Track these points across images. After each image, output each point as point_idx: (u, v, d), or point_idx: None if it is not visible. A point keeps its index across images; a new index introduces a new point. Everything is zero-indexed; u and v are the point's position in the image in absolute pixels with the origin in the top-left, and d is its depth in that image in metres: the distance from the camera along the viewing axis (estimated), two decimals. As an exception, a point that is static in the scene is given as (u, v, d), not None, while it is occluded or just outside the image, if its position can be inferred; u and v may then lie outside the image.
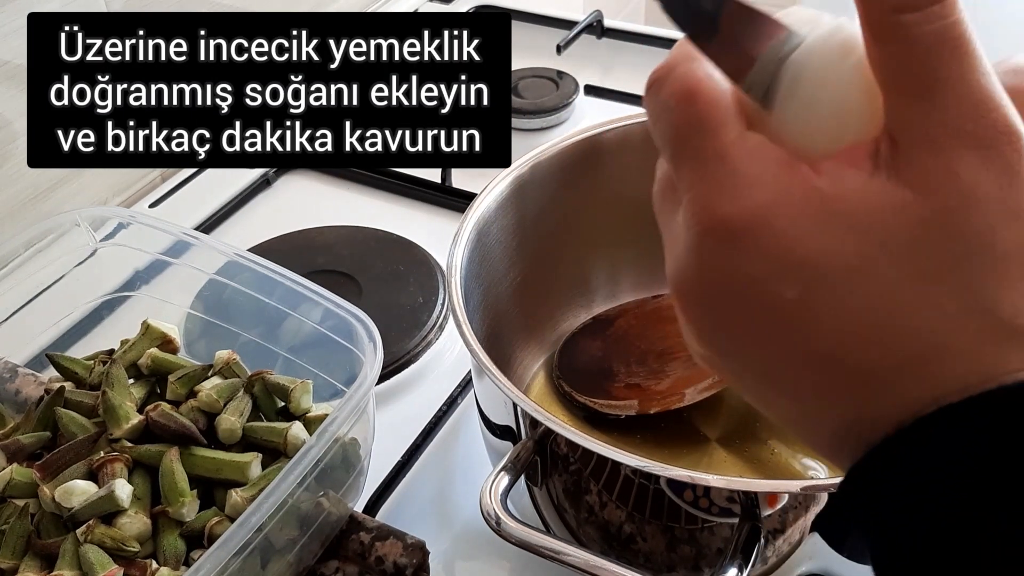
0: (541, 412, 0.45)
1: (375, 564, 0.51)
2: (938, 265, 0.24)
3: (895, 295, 0.24)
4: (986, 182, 0.23)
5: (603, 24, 1.02)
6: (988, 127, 0.23)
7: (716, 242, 0.25)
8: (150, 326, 0.57)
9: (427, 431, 0.63)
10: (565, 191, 0.62)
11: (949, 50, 0.23)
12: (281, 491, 0.44)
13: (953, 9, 0.23)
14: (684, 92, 0.26)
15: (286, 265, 0.56)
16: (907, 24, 0.23)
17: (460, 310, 0.50)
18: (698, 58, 0.26)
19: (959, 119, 0.23)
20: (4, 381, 0.59)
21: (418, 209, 0.84)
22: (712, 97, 0.25)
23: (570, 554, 0.43)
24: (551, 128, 0.91)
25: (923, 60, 0.23)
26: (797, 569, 0.47)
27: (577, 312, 0.67)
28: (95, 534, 0.46)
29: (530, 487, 0.51)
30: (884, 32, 0.24)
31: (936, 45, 0.23)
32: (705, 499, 0.44)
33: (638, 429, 0.59)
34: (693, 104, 0.26)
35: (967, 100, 0.23)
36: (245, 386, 0.54)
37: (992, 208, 0.23)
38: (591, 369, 0.62)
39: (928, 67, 0.23)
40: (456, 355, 0.70)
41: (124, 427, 0.51)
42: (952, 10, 0.23)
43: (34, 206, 0.77)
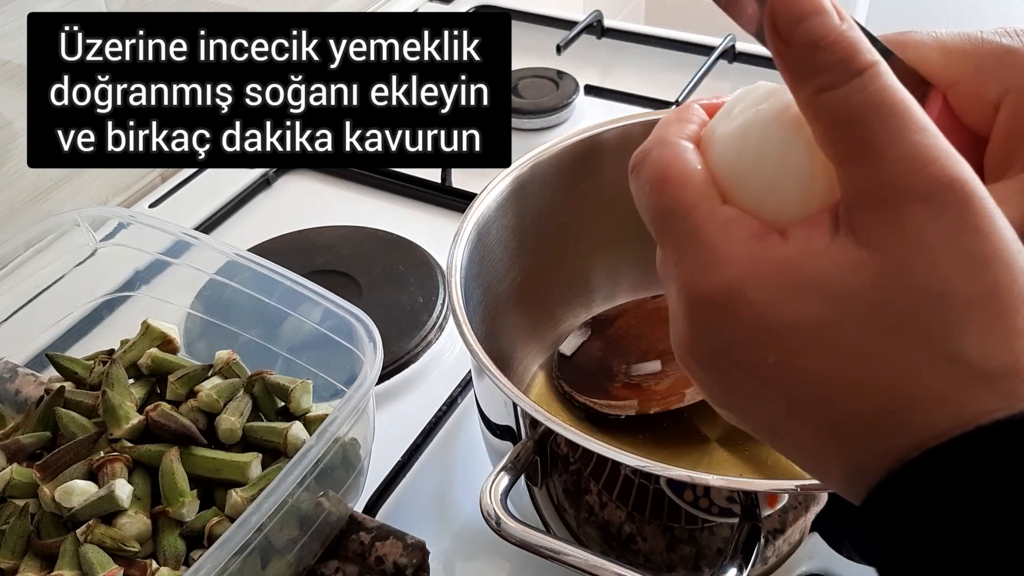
0: (541, 412, 0.45)
1: (375, 564, 0.52)
2: (899, 318, 0.25)
3: (862, 350, 0.25)
4: (933, 233, 0.24)
5: (603, 24, 1.02)
6: (927, 180, 0.24)
7: (701, 314, 0.27)
8: (150, 326, 0.57)
9: (427, 431, 0.63)
10: (565, 191, 0.62)
11: (877, 117, 0.25)
12: (281, 491, 0.44)
13: (874, 79, 0.25)
14: (657, 177, 0.28)
15: (286, 265, 0.56)
16: (832, 101, 0.25)
17: (460, 310, 0.50)
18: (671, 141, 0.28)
19: (897, 177, 0.24)
20: (4, 381, 0.59)
21: (418, 209, 0.84)
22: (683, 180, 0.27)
23: (570, 554, 0.43)
24: (551, 128, 0.91)
25: (853, 130, 0.25)
26: (797, 569, 0.47)
27: (577, 312, 0.67)
28: (95, 534, 0.46)
29: (530, 487, 0.51)
30: (814, 111, 0.26)
31: (863, 114, 0.25)
32: (705, 499, 0.44)
33: (638, 429, 0.59)
34: (665, 189, 0.28)
35: (902, 159, 0.24)
36: (245, 386, 0.54)
37: (943, 258, 0.24)
38: (591, 369, 0.62)
39: (859, 136, 0.25)
40: (456, 355, 0.70)
41: (124, 427, 0.51)
42: (873, 80, 0.25)
43: (34, 206, 0.77)
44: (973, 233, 0.24)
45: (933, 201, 0.24)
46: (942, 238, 0.24)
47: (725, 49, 0.97)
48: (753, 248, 0.26)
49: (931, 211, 0.24)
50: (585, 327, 0.65)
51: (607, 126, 0.62)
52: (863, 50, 0.25)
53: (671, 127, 0.30)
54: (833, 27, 0.25)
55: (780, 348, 0.26)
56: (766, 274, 0.26)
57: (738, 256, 0.26)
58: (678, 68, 0.96)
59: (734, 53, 0.98)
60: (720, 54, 0.96)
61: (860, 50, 0.25)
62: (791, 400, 0.26)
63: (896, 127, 0.25)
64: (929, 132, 0.25)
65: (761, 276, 0.26)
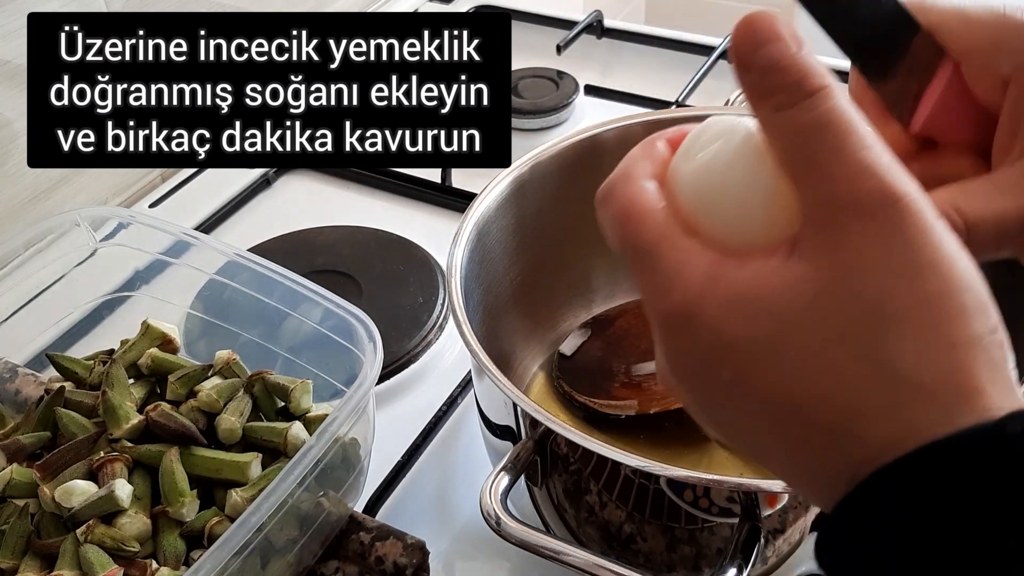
0: (541, 412, 0.45)
1: (375, 564, 0.52)
2: (837, 331, 0.25)
3: (806, 364, 0.26)
4: (870, 247, 0.25)
5: (603, 24, 1.02)
6: (866, 195, 0.25)
7: (667, 333, 0.28)
8: (150, 326, 0.57)
9: (427, 431, 0.63)
10: (565, 191, 0.62)
11: (824, 134, 0.26)
12: (281, 491, 0.44)
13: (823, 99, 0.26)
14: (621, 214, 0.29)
15: (286, 265, 0.56)
16: (786, 119, 0.26)
17: (460, 310, 0.50)
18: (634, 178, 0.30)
19: (838, 192, 0.25)
20: (4, 381, 0.59)
21: (418, 209, 0.84)
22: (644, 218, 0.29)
23: (570, 554, 0.43)
24: (551, 128, 0.91)
25: (802, 145, 0.26)
26: (797, 569, 0.47)
27: (577, 312, 0.67)
28: (95, 534, 0.46)
29: (530, 487, 0.51)
30: (771, 130, 0.27)
31: (812, 131, 0.26)
32: (705, 499, 0.44)
33: (638, 429, 0.59)
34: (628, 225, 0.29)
35: (844, 174, 0.25)
36: (245, 386, 0.54)
37: (880, 271, 0.25)
38: (591, 369, 0.62)
39: (807, 151, 0.26)
40: (456, 355, 0.70)
41: (124, 427, 0.51)
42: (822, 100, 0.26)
43: (34, 206, 0.77)
44: (908, 244, 0.25)
45: (870, 214, 0.25)
46: (877, 249, 0.25)
47: (725, 49, 0.97)
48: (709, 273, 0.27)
49: (867, 224, 0.25)
50: (585, 327, 0.65)
51: (607, 126, 0.62)
52: (815, 73, 0.26)
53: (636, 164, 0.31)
54: (787, 53, 0.26)
55: (733, 365, 0.27)
56: (719, 295, 0.27)
57: (695, 280, 0.27)
58: (678, 68, 0.96)
59: (734, 53, 0.98)
60: (720, 54, 0.96)
61: (812, 73, 0.26)
62: (754, 415, 0.27)
63: (840, 144, 0.26)
64: (873, 149, 0.26)
65: (715, 297, 0.27)
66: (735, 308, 0.27)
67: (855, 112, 0.26)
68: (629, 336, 0.64)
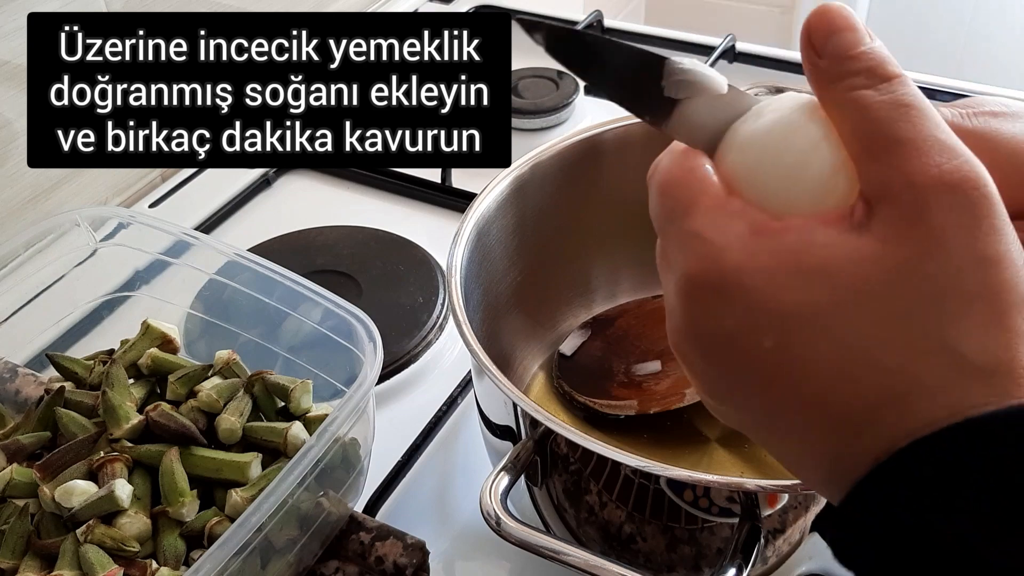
0: (541, 412, 0.45)
1: (375, 564, 0.52)
2: (908, 306, 0.25)
3: (867, 335, 0.26)
4: (953, 227, 0.25)
5: (603, 24, 1.02)
6: (952, 172, 0.25)
7: (695, 303, 0.28)
8: (150, 326, 0.57)
9: (427, 431, 0.63)
10: (565, 191, 0.62)
11: (904, 114, 0.26)
12: (281, 491, 0.44)
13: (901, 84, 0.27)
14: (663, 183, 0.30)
15: (286, 265, 0.56)
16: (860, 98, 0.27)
17: (460, 310, 0.50)
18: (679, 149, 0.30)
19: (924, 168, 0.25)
20: (4, 381, 0.59)
21: (418, 209, 0.84)
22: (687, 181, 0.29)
23: (570, 554, 0.43)
24: (551, 128, 0.91)
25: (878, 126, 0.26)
26: (797, 569, 0.47)
27: (577, 312, 0.67)
28: (95, 534, 0.46)
29: (530, 487, 0.51)
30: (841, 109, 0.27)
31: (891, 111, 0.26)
32: (705, 499, 0.44)
33: (638, 429, 0.59)
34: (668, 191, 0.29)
35: (929, 152, 0.26)
36: (245, 386, 0.54)
37: (959, 253, 0.25)
38: (591, 369, 0.62)
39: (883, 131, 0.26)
40: (456, 355, 0.70)
41: (124, 427, 0.51)
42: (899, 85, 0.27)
43: (34, 206, 0.77)
44: (988, 232, 0.25)
45: (957, 194, 0.25)
46: (960, 233, 0.25)
47: (725, 49, 0.97)
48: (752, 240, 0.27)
49: (951, 206, 0.25)
50: (585, 327, 0.65)
51: (607, 126, 0.62)
52: (891, 62, 0.27)
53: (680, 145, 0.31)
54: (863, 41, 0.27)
55: (777, 334, 0.26)
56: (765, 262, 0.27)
57: (736, 247, 0.27)
58: (678, 68, 0.96)
59: (734, 53, 0.98)
60: (720, 54, 0.96)
61: (889, 62, 0.27)
62: (787, 386, 0.27)
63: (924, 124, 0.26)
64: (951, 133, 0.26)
65: (759, 265, 0.27)
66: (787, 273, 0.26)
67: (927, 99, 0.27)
68: (629, 336, 0.64)
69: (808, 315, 0.26)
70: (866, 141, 0.27)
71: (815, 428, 0.27)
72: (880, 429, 0.26)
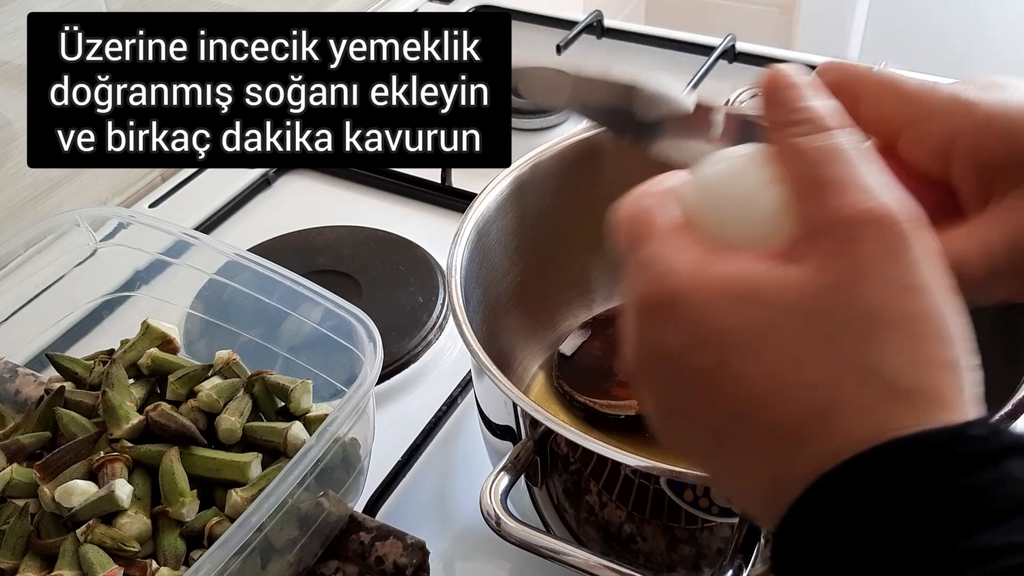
0: (541, 412, 0.45)
1: (375, 564, 0.52)
2: (833, 326, 0.27)
3: (794, 354, 0.27)
4: (878, 258, 0.27)
5: (603, 24, 1.02)
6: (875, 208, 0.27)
7: (645, 321, 0.31)
8: (150, 326, 0.57)
9: (427, 431, 0.63)
10: (565, 191, 0.62)
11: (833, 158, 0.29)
12: (281, 491, 0.44)
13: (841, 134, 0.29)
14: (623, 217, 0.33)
15: (286, 265, 0.56)
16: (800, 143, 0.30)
17: (460, 310, 0.50)
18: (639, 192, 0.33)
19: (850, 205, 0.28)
20: (4, 381, 0.59)
21: (418, 209, 0.84)
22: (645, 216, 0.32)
23: (570, 554, 0.43)
24: (551, 128, 0.91)
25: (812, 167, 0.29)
26: (797, 569, 0.47)
27: (577, 312, 0.67)
28: (95, 534, 0.46)
29: (530, 487, 0.51)
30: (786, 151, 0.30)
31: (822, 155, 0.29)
32: (705, 499, 0.44)
33: (638, 429, 0.59)
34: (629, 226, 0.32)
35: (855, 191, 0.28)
36: (245, 386, 0.54)
37: (882, 281, 0.27)
38: (591, 369, 0.62)
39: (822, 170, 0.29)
40: (456, 355, 0.70)
41: (124, 427, 0.51)
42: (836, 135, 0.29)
43: (34, 206, 0.77)
44: (911, 263, 0.27)
45: (879, 230, 0.27)
46: (884, 263, 0.27)
47: (725, 49, 0.97)
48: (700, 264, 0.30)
49: (875, 238, 0.27)
50: (585, 327, 0.65)
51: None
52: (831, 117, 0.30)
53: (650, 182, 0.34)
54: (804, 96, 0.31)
55: (719, 350, 0.28)
56: (710, 286, 0.29)
57: (686, 269, 0.30)
58: (678, 68, 0.96)
59: (734, 53, 0.98)
60: (720, 54, 0.96)
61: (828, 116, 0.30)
62: (726, 405, 0.28)
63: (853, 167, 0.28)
64: (884, 176, 0.28)
65: (705, 287, 0.29)
66: (728, 296, 0.28)
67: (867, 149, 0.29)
68: (629, 336, 0.63)
69: (745, 336, 0.28)
70: (800, 183, 0.29)
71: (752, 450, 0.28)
72: (809, 448, 0.27)
